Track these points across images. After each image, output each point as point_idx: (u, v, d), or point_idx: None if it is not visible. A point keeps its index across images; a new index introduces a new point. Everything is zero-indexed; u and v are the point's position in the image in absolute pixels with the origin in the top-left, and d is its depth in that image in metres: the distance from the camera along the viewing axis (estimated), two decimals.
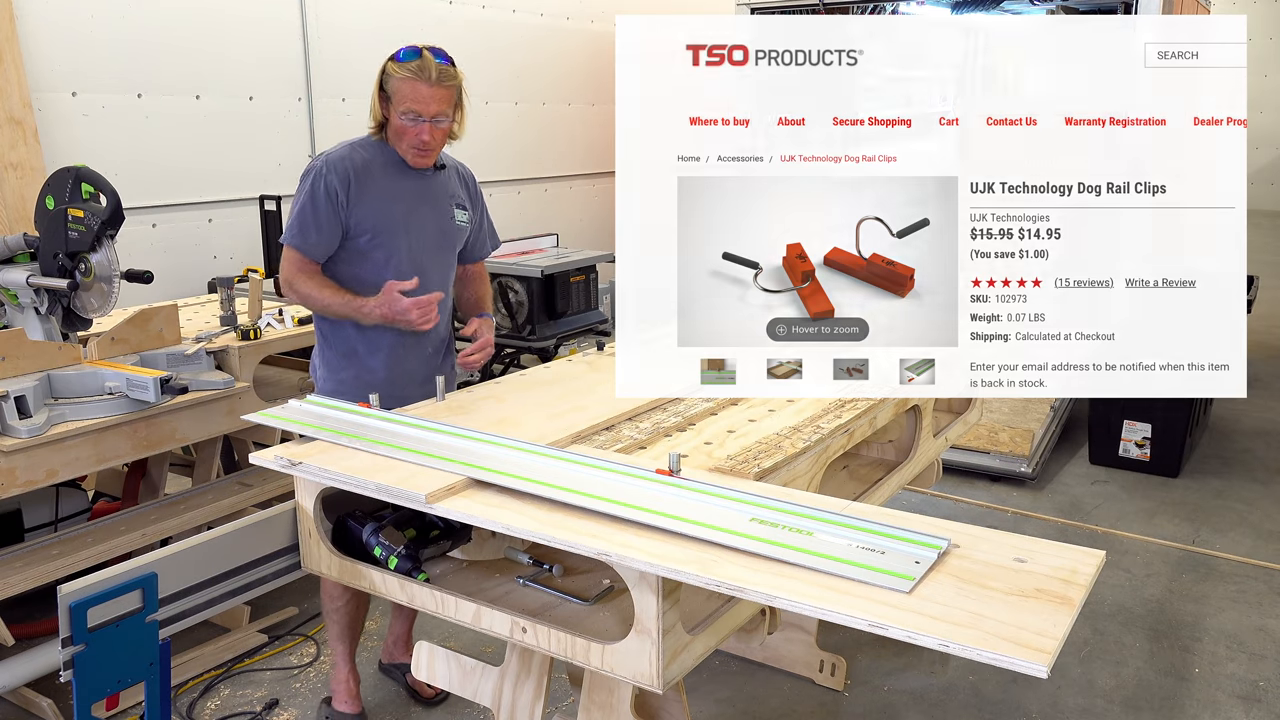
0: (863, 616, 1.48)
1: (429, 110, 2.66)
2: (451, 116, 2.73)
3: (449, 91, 2.68)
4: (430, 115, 2.67)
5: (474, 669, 2.36)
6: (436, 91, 2.64)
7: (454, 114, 2.74)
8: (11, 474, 2.64)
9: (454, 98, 2.71)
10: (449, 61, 2.69)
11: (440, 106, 2.67)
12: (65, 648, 1.84)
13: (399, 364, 2.83)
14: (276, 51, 6.06)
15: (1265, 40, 15.21)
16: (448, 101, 2.69)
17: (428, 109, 2.65)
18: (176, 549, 2.06)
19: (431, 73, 2.62)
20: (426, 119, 2.67)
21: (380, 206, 2.77)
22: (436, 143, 2.75)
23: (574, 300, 6.00)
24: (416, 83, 2.62)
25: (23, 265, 3.10)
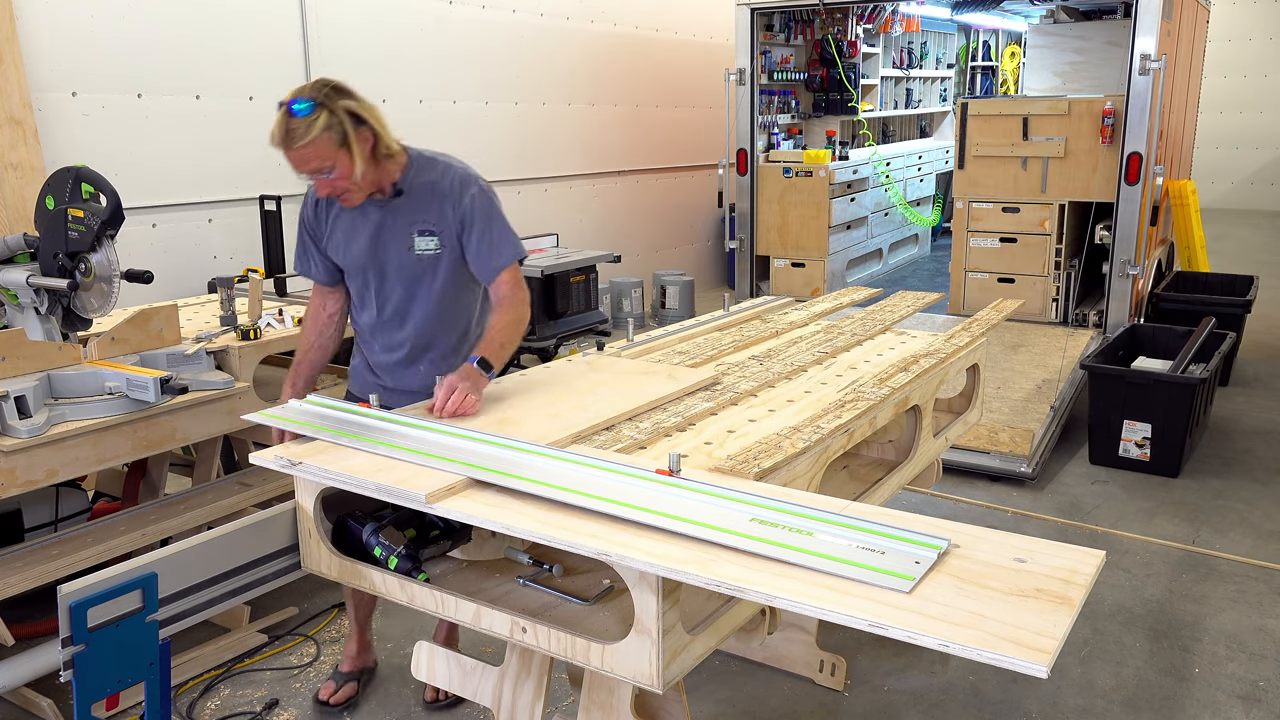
0: (863, 616, 1.48)
1: (303, 170, 2.46)
2: (336, 161, 2.43)
3: (308, 148, 2.39)
4: (310, 173, 2.47)
5: (474, 669, 2.36)
6: (294, 154, 2.41)
7: (347, 151, 2.43)
8: (11, 474, 2.64)
9: (324, 148, 2.40)
10: (309, 108, 2.38)
11: (313, 164, 2.43)
12: (65, 648, 1.84)
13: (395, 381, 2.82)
14: (276, 51, 6.06)
15: (1265, 40, 15.20)
16: (318, 155, 2.41)
17: (304, 168, 2.45)
18: (176, 549, 2.06)
19: (279, 135, 2.40)
20: (311, 176, 2.48)
21: (343, 241, 2.70)
22: (344, 187, 2.49)
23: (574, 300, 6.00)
24: (279, 147, 2.43)
25: (23, 265, 3.10)
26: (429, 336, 2.78)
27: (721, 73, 7.48)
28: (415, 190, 2.65)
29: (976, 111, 6.70)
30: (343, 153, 2.43)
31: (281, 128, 2.39)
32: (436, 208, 2.65)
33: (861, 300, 4.07)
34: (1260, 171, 15.50)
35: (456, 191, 2.66)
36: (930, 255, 9.66)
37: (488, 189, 2.71)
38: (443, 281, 2.72)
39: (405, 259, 2.67)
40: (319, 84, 2.44)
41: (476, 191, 2.68)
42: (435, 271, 2.70)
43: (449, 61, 7.22)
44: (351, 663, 3.18)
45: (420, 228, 2.65)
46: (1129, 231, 5.90)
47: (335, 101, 2.42)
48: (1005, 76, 11.35)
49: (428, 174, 2.67)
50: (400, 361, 2.80)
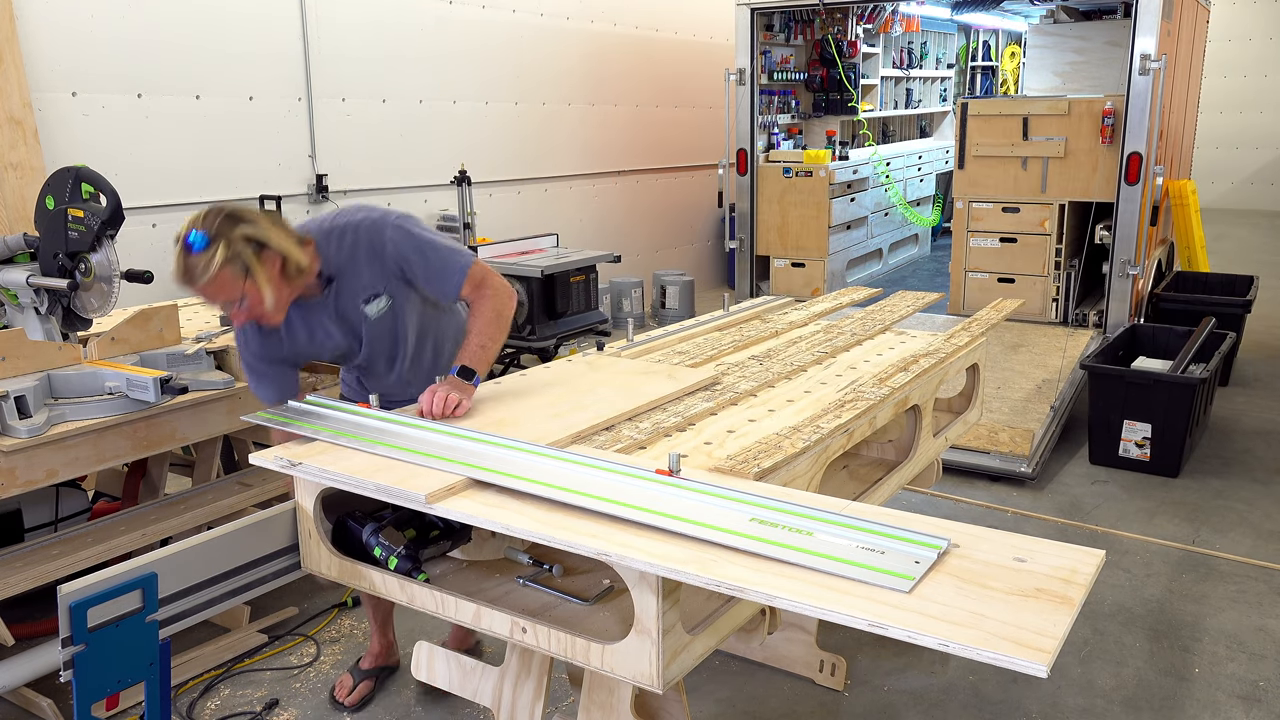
0: (863, 616, 1.48)
1: (213, 303, 2.39)
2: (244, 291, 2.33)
3: (214, 283, 2.29)
4: (218, 307, 2.42)
5: (474, 669, 2.37)
6: (200, 291, 2.32)
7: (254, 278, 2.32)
8: (11, 474, 2.64)
9: (226, 280, 2.29)
10: (205, 243, 2.26)
11: (222, 298, 2.34)
12: (65, 648, 1.84)
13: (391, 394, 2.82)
14: (276, 51, 6.07)
15: (1265, 40, 15.20)
16: (221, 291, 2.31)
17: (213, 303, 2.39)
18: (176, 549, 2.06)
19: (181, 275, 2.29)
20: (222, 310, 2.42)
21: (307, 347, 2.65)
22: (261, 311, 2.40)
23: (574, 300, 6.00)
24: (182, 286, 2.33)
25: (23, 265, 3.10)
26: (417, 362, 2.79)
27: (721, 73, 7.48)
28: (343, 267, 2.56)
29: (976, 111, 6.70)
30: (249, 282, 2.32)
31: (181, 265, 2.28)
32: (368, 272, 2.58)
33: (861, 300, 4.07)
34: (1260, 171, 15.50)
35: (377, 244, 2.56)
36: (930, 255, 9.66)
37: (404, 223, 2.60)
38: (412, 322, 2.70)
39: (366, 326, 2.64)
40: (211, 214, 2.31)
41: (393, 234, 2.57)
42: (400, 319, 2.67)
43: (449, 61, 7.22)
44: (373, 660, 3.19)
45: (364, 296, 2.60)
46: (1129, 231, 5.90)
47: (231, 231, 2.29)
48: (1005, 76, 11.35)
49: (344, 246, 2.56)
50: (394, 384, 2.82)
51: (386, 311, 2.64)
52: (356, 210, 2.63)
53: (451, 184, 7.12)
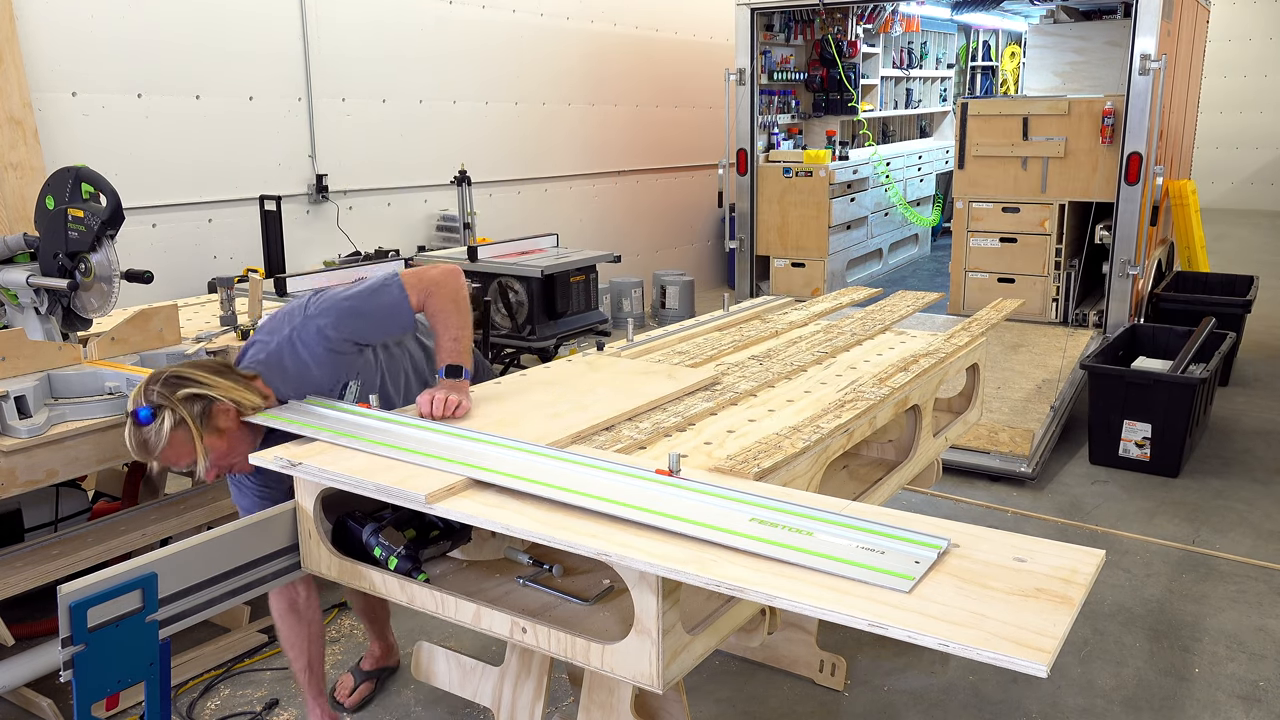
0: (863, 616, 1.48)
1: (180, 467, 2.36)
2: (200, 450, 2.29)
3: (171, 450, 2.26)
4: (184, 469, 2.41)
5: (474, 669, 2.37)
6: (164, 459, 2.29)
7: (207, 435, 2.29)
8: (11, 474, 2.64)
9: (179, 444, 2.26)
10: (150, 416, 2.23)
11: (182, 462, 2.31)
12: (65, 648, 1.84)
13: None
14: (276, 51, 6.07)
15: (1265, 40, 15.20)
16: (181, 454, 2.29)
17: (179, 467, 2.36)
18: (176, 549, 2.06)
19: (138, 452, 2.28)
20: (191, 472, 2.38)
21: None
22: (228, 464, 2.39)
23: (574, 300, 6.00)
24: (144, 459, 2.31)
25: (23, 265, 3.10)
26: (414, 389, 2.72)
27: (721, 73, 7.48)
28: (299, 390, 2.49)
29: (976, 111, 6.70)
30: (205, 441, 2.29)
31: (134, 441, 2.26)
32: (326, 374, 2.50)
33: (861, 300, 4.07)
34: (1260, 171, 15.50)
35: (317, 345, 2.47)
36: (930, 255, 9.66)
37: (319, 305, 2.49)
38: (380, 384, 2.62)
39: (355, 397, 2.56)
40: (150, 383, 2.28)
41: (321, 321, 2.46)
42: (370, 389, 2.59)
43: (449, 61, 7.22)
44: (374, 661, 3.19)
45: (335, 393, 2.53)
46: (1129, 231, 5.90)
47: (173, 395, 2.25)
48: (1005, 76, 11.35)
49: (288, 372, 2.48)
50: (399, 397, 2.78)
51: (360, 391, 2.57)
52: (278, 327, 2.52)
53: (451, 184, 7.12)
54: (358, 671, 3.16)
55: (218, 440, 2.32)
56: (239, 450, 2.38)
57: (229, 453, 2.36)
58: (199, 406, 2.28)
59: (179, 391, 2.27)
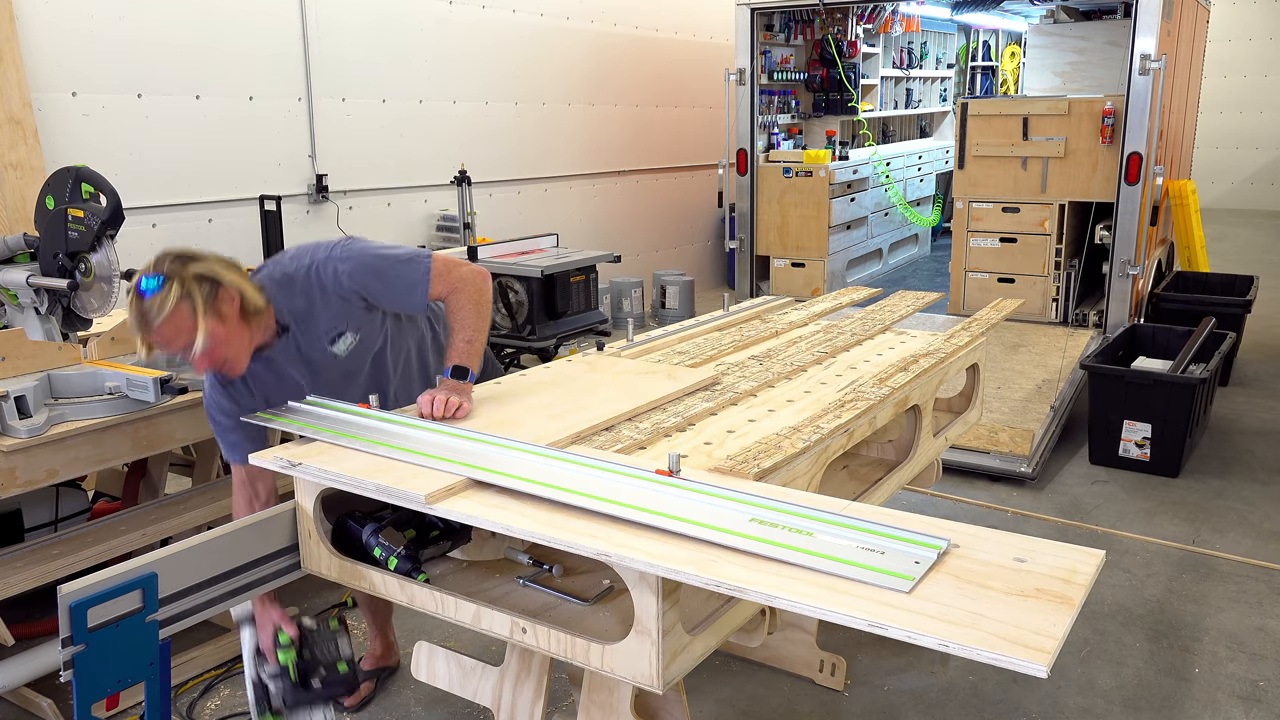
0: (863, 616, 1.48)
1: (172, 350, 2.29)
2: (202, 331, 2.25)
3: (170, 324, 2.22)
4: (178, 352, 2.30)
5: (474, 669, 2.37)
6: (157, 334, 2.24)
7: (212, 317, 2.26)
8: (11, 474, 2.64)
9: (183, 319, 2.23)
10: (159, 284, 2.21)
11: (181, 340, 2.25)
12: (65, 648, 1.84)
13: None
14: (276, 51, 6.07)
15: (1265, 40, 15.20)
16: (181, 333, 2.24)
17: (170, 349, 2.29)
18: (176, 549, 2.06)
19: (136, 321, 2.23)
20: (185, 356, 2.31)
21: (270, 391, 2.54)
22: (219, 357, 2.32)
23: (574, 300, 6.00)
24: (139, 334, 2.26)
25: (23, 265, 3.10)
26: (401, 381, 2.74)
27: (721, 73, 7.48)
28: (296, 315, 2.48)
29: (976, 111, 6.70)
30: (206, 320, 2.25)
31: (135, 313, 2.22)
32: (325, 314, 2.49)
33: (861, 300, 4.07)
34: (1260, 171, 15.50)
35: (329, 284, 2.47)
36: (930, 255, 9.66)
37: (350, 251, 2.50)
38: (380, 347, 2.63)
39: (338, 363, 2.56)
40: (162, 256, 2.28)
41: (342, 266, 2.47)
42: (368, 348, 2.60)
43: (449, 61, 7.22)
44: (374, 661, 3.20)
45: (328, 338, 2.52)
46: (1129, 231, 5.90)
47: (184, 270, 2.25)
48: (1005, 76, 11.35)
49: (294, 295, 2.47)
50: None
51: (357, 346, 2.56)
52: (301, 254, 2.52)
53: (451, 184, 7.12)
54: (359, 672, 3.16)
55: (218, 325, 2.27)
56: (235, 344, 2.33)
57: (225, 342, 2.30)
58: (207, 287, 2.26)
59: (189, 267, 2.26)
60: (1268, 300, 8.41)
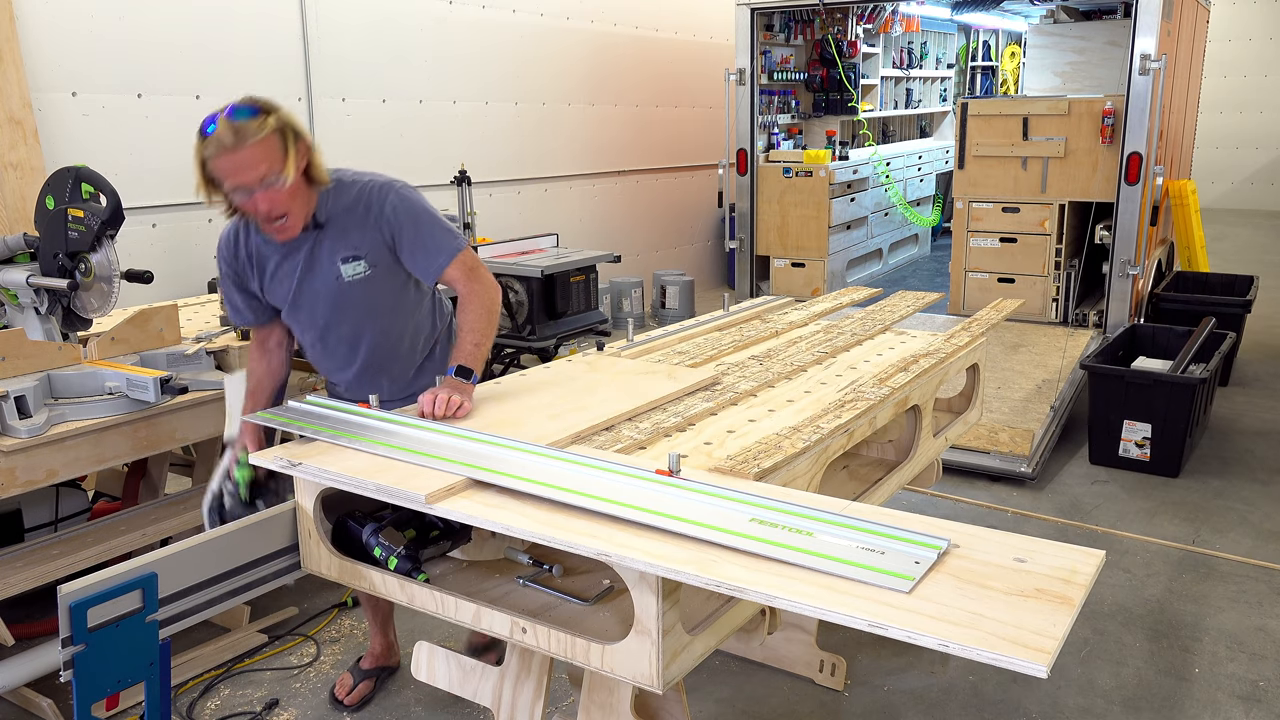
0: (863, 616, 1.48)
1: (250, 178, 2.32)
2: (284, 170, 2.33)
3: (260, 147, 2.29)
4: (255, 183, 2.33)
5: (474, 669, 2.36)
6: (244, 155, 2.28)
7: (292, 163, 2.35)
8: (11, 474, 2.64)
9: (274, 151, 2.31)
10: (255, 111, 2.31)
11: (259, 170, 2.31)
12: (65, 648, 1.84)
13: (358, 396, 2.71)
14: (276, 51, 6.06)
15: (1265, 40, 15.20)
16: (267, 159, 2.31)
17: (247, 177, 2.32)
18: (176, 549, 2.06)
19: (228, 139, 2.27)
20: (254, 188, 2.34)
21: (273, 285, 2.63)
22: (283, 207, 2.40)
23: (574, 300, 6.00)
24: (222, 156, 2.29)
25: (23, 265, 3.10)
26: (381, 359, 2.74)
27: (721, 73, 7.48)
28: (335, 218, 2.55)
29: (976, 111, 6.70)
30: (289, 161, 2.34)
31: (228, 129, 2.26)
32: (357, 230, 2.55)
33: (861, 300, 4.07)
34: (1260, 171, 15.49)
35: (375, 207, 2.55)
36: (930, 255, 9.66)
37: (408, 193, 2.60)
38: (382, 302, 2.65)
39: (336, 288, 2.59)
40: (251, 98, 2.36)
41: (395, 199, 2.56)
42: (371, 294, 2.62)
43: (449, 62, 7.22)
44: (373, 660, 3.19)
45: (344, 254, 2.56)
46: (1129, 231, 5.90)
47: (278, 109, 2.36)
48: (1005, 76, 11.35)
49: (344, 198, 2.56)
50: (355, 380, 2.77)
51: (359, 281, 2.58)
52: (362, 173, 2.61)
53: (451, 184, 7.11)
54: (357, 670, 3.16)
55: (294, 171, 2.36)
56: (297, 199, 2.42)
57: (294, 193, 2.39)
58: (294, 133, 2.37)
59: (282, 110, 2.36)
60: (1268, 300, 8.40)
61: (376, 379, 2.76)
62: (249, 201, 2.37)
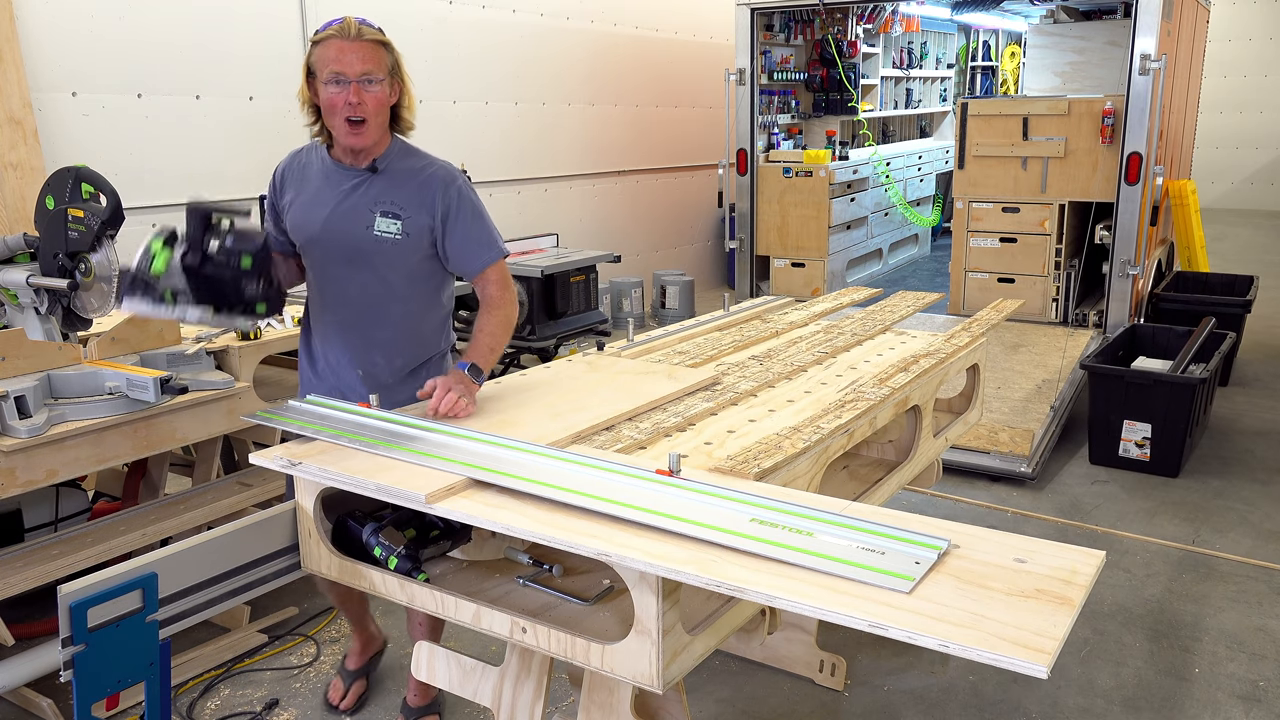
0: (863, 617, 1.48)
1: (352, 69, 2.41)
2: (384, 80, 2.47)
3: (373, 48, 2.44)
4: (355, 75, 2.41)
5: (474, 669, 2.36)
6: (357, 46, 2.42)
7: (390, 84, 2.50)
8: (11, 474, 2.64)
9: (383, 59, 2.47)
10: (380, 30, 2.52)
11: (365, 65, 2.42)
12: (65, 648, 1.84)
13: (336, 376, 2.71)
14: (276, 51, 6.06)
15: (1265, 40, 15.20)
16: (374, 60, 2.44)
17: (351, 68, 2.40)
18: (176, 549, 2.06)
19: (351, 29, 2.42)
20: (352, 79, 2.41)
21: (302, 212, 2.62)
22: (369, 110, 2.46)
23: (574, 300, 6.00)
24: (334, 41, 2.42)
25: (23, 265, 3.10)
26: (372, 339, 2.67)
27: (721, 73, 7.47)
28: (393, 172, 2.59)
29: (976, 111, 6.70)
30: (391, 76, 2.50)
31: (353, 24, 2.43)
32: (413, 193, 2.57)
33: (861, 300, 4.07)
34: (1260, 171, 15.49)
35: (440, 181, 2.59)
36: (930, 255, 9.66)
37: (470, 185, 2.66)
38: (397, 281, 2.61)
39: (361, 238, 2.55)
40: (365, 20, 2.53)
41: (462, 186, 2.62)
42: (393, 263, 2.59)
43: (449, 62, 7.21)
44: (357, 659, 3.16)
45: (385, 208, 2.55)
46: (1129, 231, 5.90)
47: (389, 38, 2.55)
48: (1005, 76, 11.35)
49: (410, 160, 2.62)
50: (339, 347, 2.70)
51: (387, 241, 2.56)
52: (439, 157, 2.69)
53: None
54: (346, 673, 3.13)
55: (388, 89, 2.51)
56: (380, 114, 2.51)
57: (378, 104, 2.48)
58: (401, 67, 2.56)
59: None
60: (1268, 300, 8.40)
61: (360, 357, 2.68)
62: (341, 93, 2.43)
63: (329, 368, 2.73)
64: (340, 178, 2.59)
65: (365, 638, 3.18)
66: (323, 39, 2.44)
